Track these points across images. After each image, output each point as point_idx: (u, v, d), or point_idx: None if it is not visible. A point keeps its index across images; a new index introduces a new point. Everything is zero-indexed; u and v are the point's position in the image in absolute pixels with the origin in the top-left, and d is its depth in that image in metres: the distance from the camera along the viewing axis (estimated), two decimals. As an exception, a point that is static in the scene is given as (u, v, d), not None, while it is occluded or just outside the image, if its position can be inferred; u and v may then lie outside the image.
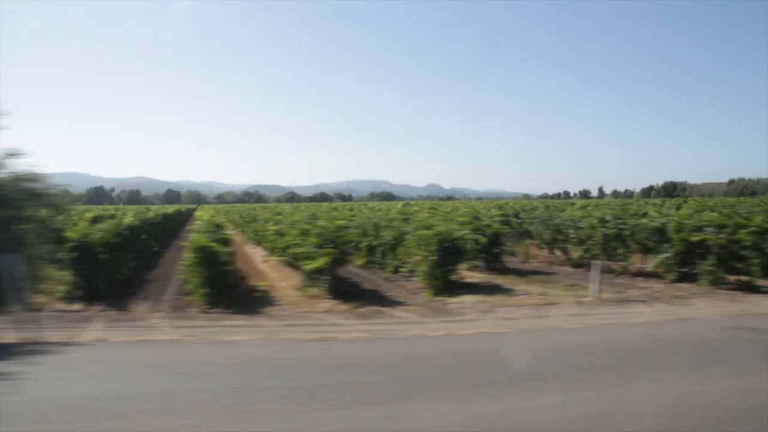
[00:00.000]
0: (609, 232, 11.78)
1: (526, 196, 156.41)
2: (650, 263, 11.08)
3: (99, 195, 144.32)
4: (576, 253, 12.98)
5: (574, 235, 12.93)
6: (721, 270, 9.56)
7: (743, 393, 4.25)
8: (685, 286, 9.78)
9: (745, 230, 9.38)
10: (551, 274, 12.05)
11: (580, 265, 12.73)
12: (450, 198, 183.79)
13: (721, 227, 9.75)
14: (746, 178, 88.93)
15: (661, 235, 10.67)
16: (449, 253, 9.77)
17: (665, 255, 10.45)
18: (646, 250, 11.20)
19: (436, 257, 9.66)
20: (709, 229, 9.84)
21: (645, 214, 13.36)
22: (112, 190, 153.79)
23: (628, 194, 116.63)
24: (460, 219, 12.89)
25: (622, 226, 11.65)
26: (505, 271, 12.25)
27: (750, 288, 9.34)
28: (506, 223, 14.66)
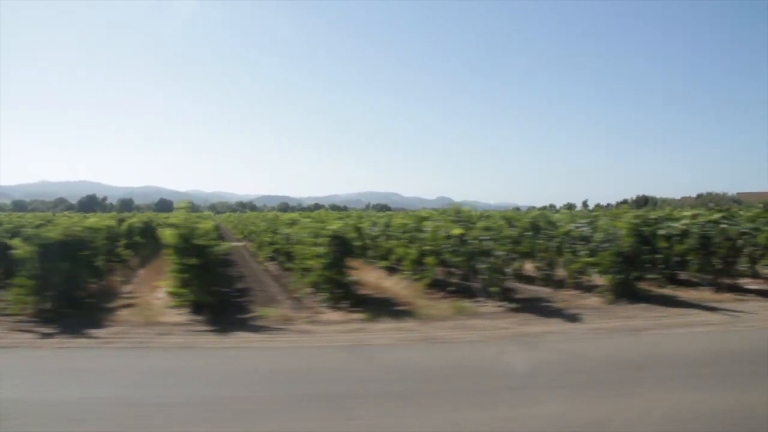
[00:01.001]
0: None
1: (516, 209, 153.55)
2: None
3: (91, 203, 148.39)
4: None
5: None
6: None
7: None
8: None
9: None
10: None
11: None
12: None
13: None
14: (714, 192, 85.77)
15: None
16: None
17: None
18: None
19: None
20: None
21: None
22: (105, 198, 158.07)
23: (609, 207, 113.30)
24: None
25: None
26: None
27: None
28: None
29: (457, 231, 9.32)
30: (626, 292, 9.05)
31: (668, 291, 10.19)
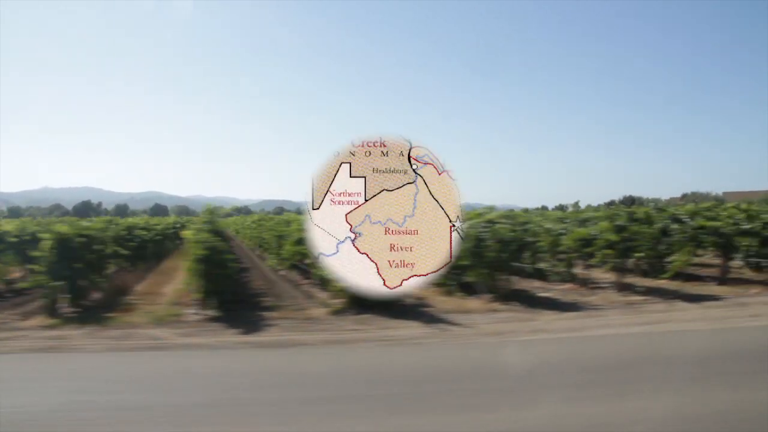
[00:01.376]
0: None
1: (511, 210, 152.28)
2: None
3: (86, 208, 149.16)
4: None
5: None
6: None
7: None
8: None
9: None
10: None
11: None
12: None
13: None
14: (698, 192, 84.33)
15: None
16: None
17: None
18: None
19: None
20: None
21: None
22: (100, 204, 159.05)
23: (598, 207, 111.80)
24: None
25: None
26: None
27: None
28: None
29: (187, 233, 8.67)
30: (358, 301, 8.30)
31: (444, 299, 9.42)
